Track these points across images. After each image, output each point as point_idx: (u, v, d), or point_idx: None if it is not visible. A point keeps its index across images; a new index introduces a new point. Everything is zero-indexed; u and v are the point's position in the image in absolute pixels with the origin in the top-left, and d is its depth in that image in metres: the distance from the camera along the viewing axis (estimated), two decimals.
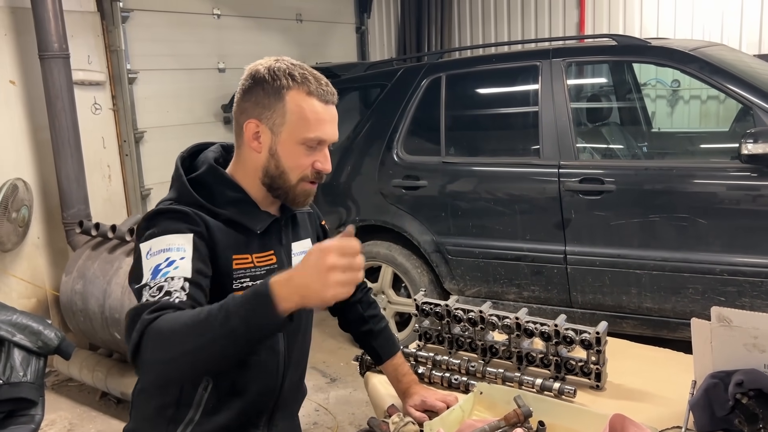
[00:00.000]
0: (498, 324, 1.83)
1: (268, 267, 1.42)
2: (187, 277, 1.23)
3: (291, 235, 1.53)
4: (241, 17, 5.60)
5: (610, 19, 5.88)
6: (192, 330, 1.11)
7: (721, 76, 3.22)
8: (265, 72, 1.37)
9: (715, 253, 3.13)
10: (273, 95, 1.36)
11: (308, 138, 1.37)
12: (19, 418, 2.53)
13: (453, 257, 3.83)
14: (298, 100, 1.36)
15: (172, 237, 1.28)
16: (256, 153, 1.40)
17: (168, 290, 1.20)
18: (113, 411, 3.66)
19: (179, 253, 1.26)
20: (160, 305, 1.17)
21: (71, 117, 3.97)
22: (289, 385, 1.54)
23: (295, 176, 1.40)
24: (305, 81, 1.37)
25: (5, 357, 2.50)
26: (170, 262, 1.25)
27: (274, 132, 1.38)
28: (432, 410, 1.60)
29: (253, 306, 1.10)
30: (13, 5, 4.01)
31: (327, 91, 1.39)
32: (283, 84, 1.35)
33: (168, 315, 1.15)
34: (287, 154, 1.38)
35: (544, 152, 3.54)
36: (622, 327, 3.39)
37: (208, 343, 1.10)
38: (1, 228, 3.74)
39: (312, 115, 1.36)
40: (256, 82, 1.38)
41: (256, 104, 1.38)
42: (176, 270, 1.23)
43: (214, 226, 1.36)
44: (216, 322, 1.10)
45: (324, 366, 4.08)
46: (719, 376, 1.42)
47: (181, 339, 1.12)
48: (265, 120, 1.37)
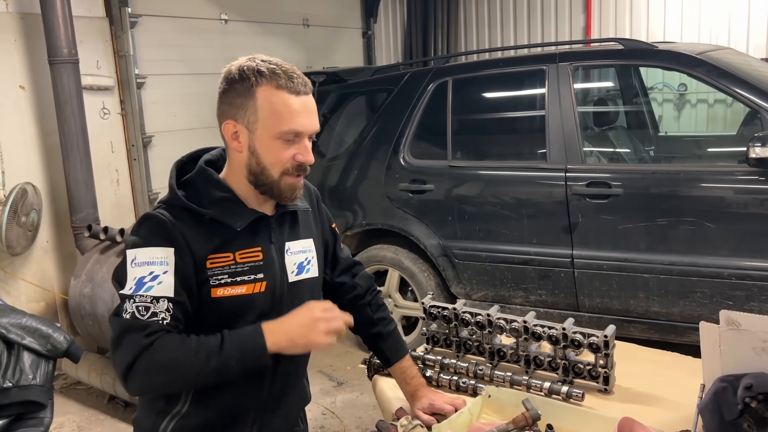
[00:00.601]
0: (506, 327, 1.83)
1: (252, 263, 1.44)
2: (170, 296, 1.34)
3: (287, 233, 1.52)
4: (249, 22, 5.63)
5: (616, 24, 5.87)
6: (189, 367, 1.31)
7: (729, 80, 3.22)
8: (236, 72, 1.40)
9: (723, 257, 3.12)
10: (244, 94, 1.39)
11: (283, 131, 1.39)
12: (28, 421, 2.54)
13: (460, 261, 3.83)
14: (268, 95, 1.38)
15: (155, 250, 1.36)
16: (238, 153, 1.43)
17: (154, 311, 1.32)
18: (121, 414, 3.67)
19: (162, 267, 1.35)
20: (151, 329, 1.31)
21: (80, 122, 4.00)
22: (279, 386, 1.54)
23: (277, 171, 1.41)
24: (274, 75, 1.38)
25: (15, 360, 2.51)
26: (154, 276, 1.34)
27: (250, 130, 1.40)
28: (440, 413, 1.60)
29: (247, 351, 1.33)
30: (22, 11, 4.05)
31: (297, 82, 1.40)
32: (252, 81, 1.38)
33: (162, 344, 1.30)
34: (265, 150, 1.40)
35: (551, 156, 3.54)
36: (629, 331, 3.38)
37: (204, 376, 1.33)
38: (11, 232, 3.77)
39: (283, 108, 1.38)
40: (229, 84, 1.41)
41: (231, 105, 1.41)
42: (160, 286, 1.34)
43: (192, 231, 1.39)
44: (212, 362, 1.31)
45: (331, 370, 4.08)
46: (728, 379, 1.42)
47: (178, 372, 1.32)
48: (241, 119, 1.40)
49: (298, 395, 1.64)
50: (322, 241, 1.64)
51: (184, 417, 1.46)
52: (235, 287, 1.41)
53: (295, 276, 1.51)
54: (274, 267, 1.47)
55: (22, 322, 2.59)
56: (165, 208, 1.42)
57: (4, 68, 3.95)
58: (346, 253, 1.75)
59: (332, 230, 1.71)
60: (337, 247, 1.72)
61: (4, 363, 2.48)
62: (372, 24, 7.14)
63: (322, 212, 1.68)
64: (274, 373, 1.50)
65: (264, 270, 1.45)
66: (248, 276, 1.43)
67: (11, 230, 3.76)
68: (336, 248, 1.72)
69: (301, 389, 1.65)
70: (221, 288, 1.40)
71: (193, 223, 1.41)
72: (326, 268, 1.69)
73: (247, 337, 1.34)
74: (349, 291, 1.72)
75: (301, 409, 1.69)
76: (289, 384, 1.57)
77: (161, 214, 1.40)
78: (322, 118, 4.46)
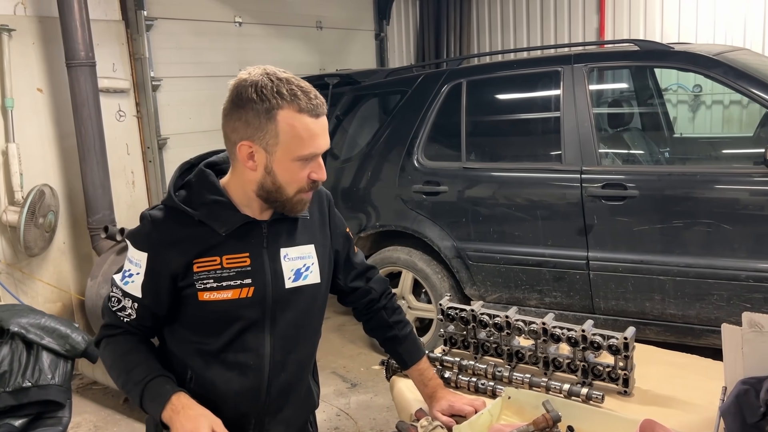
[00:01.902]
0: (524, 329, 1.83)
1: (239, 269, 1.44)
2: (137, 297, 1.46)
3: (283, 239, 1.51)
4: (263, 25, 5.65)
5: (630, 25, 5.84)
6: (117, 375, 1.49)
7: (746, 81, 3.19)
8: (253, 92, 1.35)
9: (741, 259, 3.09)
10: (264, 116, 1.35)
11: (304, 155, 1.38)
12: (46, 420, 2.57)
13: (474, 263, 3.82)
14: (290, 119, 1.35)
15: (134, 251, 1.47)
16: (251, 171, 1.41)
17: (124, 305, 1.47)
18: (137, 414, 3.69)
19: (136, 269, 1.46)
20: (113, 322, 1.50)
21: (97, 124, 4.04)
22: (280, 390, 1.53)
23: (293, 189, 1.42)
24: (295, 98, 1.35)
25: (34, 360, 2.54)
26: (130, 274, 1.47)
27: (268, 152, 1.37)
28: (459, 415, 1.60)
29: (147, 405, 1.43)
30: (40, 14, 4.10)
31: (317, 104, 1.38)
32: (273, 104, 1.34)
33: (113, 341, 1.50)
34: (283, 171, 1.40)
35: (566, 158, 3.53)
36: (645, 334, 3.36)
37: (123, 388, 1.51)
38: (29, 233, 3.81)
39: (305, 133, 1.36)
40: (245, 102, 1.36)
41: (248, 124, 1.36)
42: (132, 285, 1.46)
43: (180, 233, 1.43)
44: (129, 384, 1.45)
45: (344, 371, 4.09)
46: (750, 382, 1.41)
47: (111, 371, 1.50)
48: (258, 141, 1.37)
49: (303, 401, 1.63)
50: (329, 247, 1.62)
51: None
52: (221, 292, 1.43)
53: (292, 282, 1.50)
54: (264, 272, 1.46)
55: (41, 323, 2.62)
56: (160, 209, 1.47)
57: (22, 71, 4.00)
58: (360, 258, 1.74)
59: (346, 235, 1.69)
60: (351, 252, 1.71)
61: (24, 363, 2.51)
62: (385, 26, 7.15)
63: (333, 217, 1.66)
64: (271, 380, 1.50)
65: (252, 275, 1.45)
66: (234, 281, 1.44)
67: (29, 231, 3.80)
68: (350, 253, 1.71)
69: (306, 395, 1.64)
70: (207, 292, 1.43)
71: (183, 224, 1.43)
72: (339, 273, 1.68)
73: (156, 395, 1.41)
74: (364, 295, 1.72)
75: (307, 415, 1.68)
76: (290, 391, 1.56)
77: (150, 215, 1.46)
78: (335, 120, 4.47)
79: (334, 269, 1.65)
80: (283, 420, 1.57)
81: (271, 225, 1.49)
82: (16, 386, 2.44)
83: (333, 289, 1.69)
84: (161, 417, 1.39)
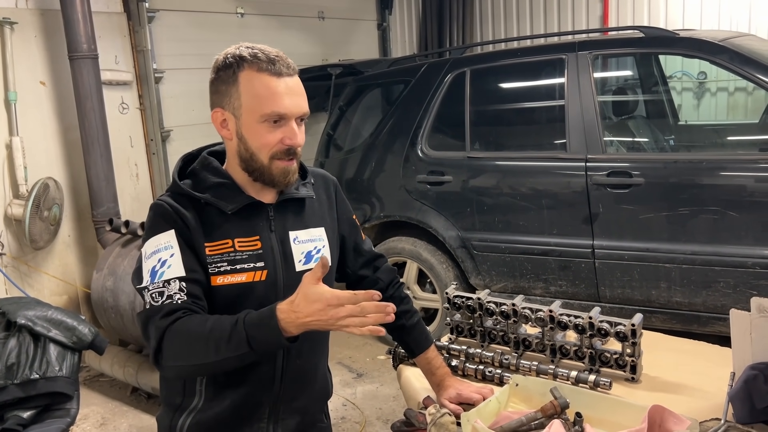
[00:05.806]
0: (531, 317, 1.82)
1: (251, 252, 1.43)
2: (181, 276, 1.35)
3: (291, 222, 1.51)
4: (265, 16, 5.63)
5: (634, 12, 5.80)
6: (205, 348, 1.27)
7: (753, 67, 3.17)
8: (221, 60, 1.42)
9: (747, 246, 3.08)
10: (228, 80, 1.40)
11: (265, 114, 1.38)
12: (55, 412, 2.58)
13: (479, 252, 3.82)
14: (249, 79, 1.38)
15: (159, 237, 1.39)
16: (229, 140, 1.44)
17: (169, 294, 1.33)
18: (144, 406, 3.71)
19: (168, 251, 1.37)
20: (166, 310, 1.32)
21: (100, 117, 4.03)
22: (293, 377, 1.52)
23: (265, 155, 1.41)
24: (255, 59, 1.38)
25: (41, 352, 2.55)
26: (163, 262, 1.36)
27: (236, 116, 1.40)
28: (467, 402, 1.60)
29: (262, 336, 1.25)
30: (42, 7, 4.09)
31: (279, 64, 1.39)
32: (235, 68, 1.39)
33: (180, 324, 1.30)
34: (251, 135, 1.40)
35: (571, 146, 3.52)
36: (651, 321, 3.36)
37: (221, 360, 1.28)
38: (34, 226, 3.82)
39: (264, 91, 1.37)
40: (215, 72, 1.43)
41: (218, 93, 1.42)
42: (170, 269, 1.35)
43: (191, 215, 1.41)
44: (228, 345, 1.26)
45: (350, 361, 4.10)
46: (759, 367, 1.40)
47: (196, 353, 1.29)
48: (227, 106, 1.41)
49: (317, 390, 1.62)
50: (336, 231, 1.62)
51: (200, 412, 1.47)
52: (235, 275, 1.41)
53: (303, 265, 1.49)
54: (274, 256, 1.46)
55: (47, 315, 2.63)
56: (168, 195, 1.46)
57: (24, 64, 3.99)
58: (368, 246, 1.74)
59: (352, 221, 1.69)
60: (359, 239, 1.71)
61: (31, 355, 2.52)
62: (387, 16, 7.12)
63: (341, 202, 1.66)
64: (285, 367, 1.49)
65: (264, 258, 1.44)
66: (248, 264, 1.42)
67: (34, 224, 3.81)
68: (357, 240, 1.70)
69: (321, 384, 1.63)
70: (221, 276, 1.40)
71: (191, 208, 1.42)
72: (348, 260, 1.68)
73: (260, 321, 1.26)
74: (372, 285, 1.70)
75: (322, 404, 1.68)
76: (304, 379, 1.56)
77: (161, 200, 1.44)
78: (338, 111, 4.46)
79: (342, 255, 1.65)
80: (298, 409, 1.55)
81: (278, 209, 1.49)
82: (24, 378, 2.44)
83: (340, 277, 1.69)
84: (285, 336, 1.24)
